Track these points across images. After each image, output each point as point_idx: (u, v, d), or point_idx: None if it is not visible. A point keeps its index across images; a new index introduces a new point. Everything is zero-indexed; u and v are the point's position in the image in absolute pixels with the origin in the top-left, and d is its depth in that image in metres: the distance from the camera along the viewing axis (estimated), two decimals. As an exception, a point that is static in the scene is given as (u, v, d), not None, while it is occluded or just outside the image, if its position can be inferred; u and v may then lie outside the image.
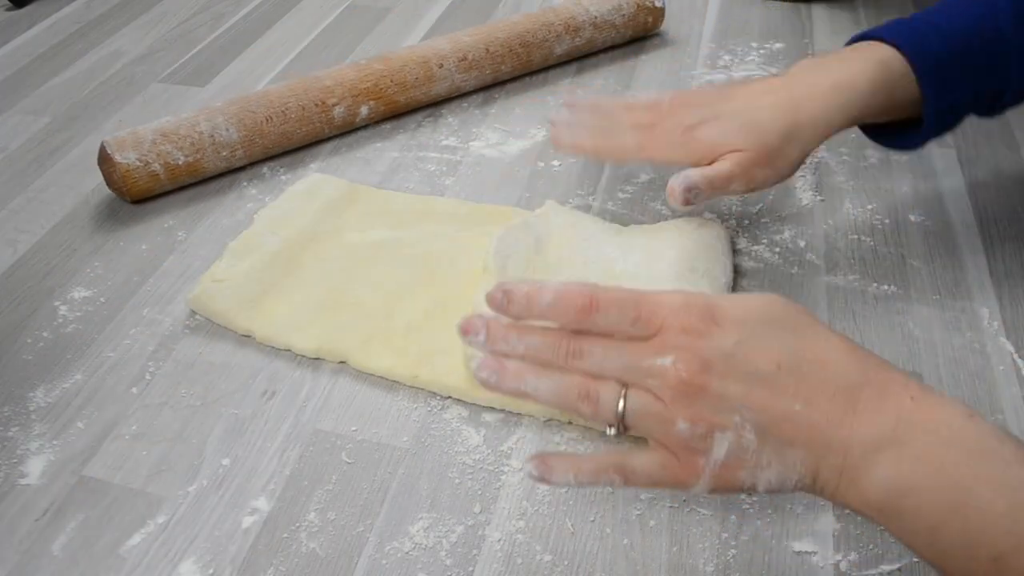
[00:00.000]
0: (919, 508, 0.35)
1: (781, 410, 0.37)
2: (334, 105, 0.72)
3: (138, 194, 0.67)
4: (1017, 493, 0.34)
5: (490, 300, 0.40)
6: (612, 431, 0.39)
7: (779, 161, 0.54)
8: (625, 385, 0.38)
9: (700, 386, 0.37)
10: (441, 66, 0.76)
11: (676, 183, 0.54)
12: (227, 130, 0.68)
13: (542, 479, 0.39)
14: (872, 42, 0.55)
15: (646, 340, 0.38)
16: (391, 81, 0.74)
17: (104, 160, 0.66)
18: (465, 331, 0.40)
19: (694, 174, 0.54)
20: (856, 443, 0.36)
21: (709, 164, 0.54)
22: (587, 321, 0.38)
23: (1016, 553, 0.33)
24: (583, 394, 0.39)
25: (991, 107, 0.57)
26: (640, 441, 0.42)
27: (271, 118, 0.70)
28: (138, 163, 0.66)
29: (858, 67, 0.54)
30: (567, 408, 0.40)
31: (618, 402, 0.38)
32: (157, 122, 0.68)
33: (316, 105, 0.72)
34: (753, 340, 0.38)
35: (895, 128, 0.58)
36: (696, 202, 0.54)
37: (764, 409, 0.37)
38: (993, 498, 0.34)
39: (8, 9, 1.00)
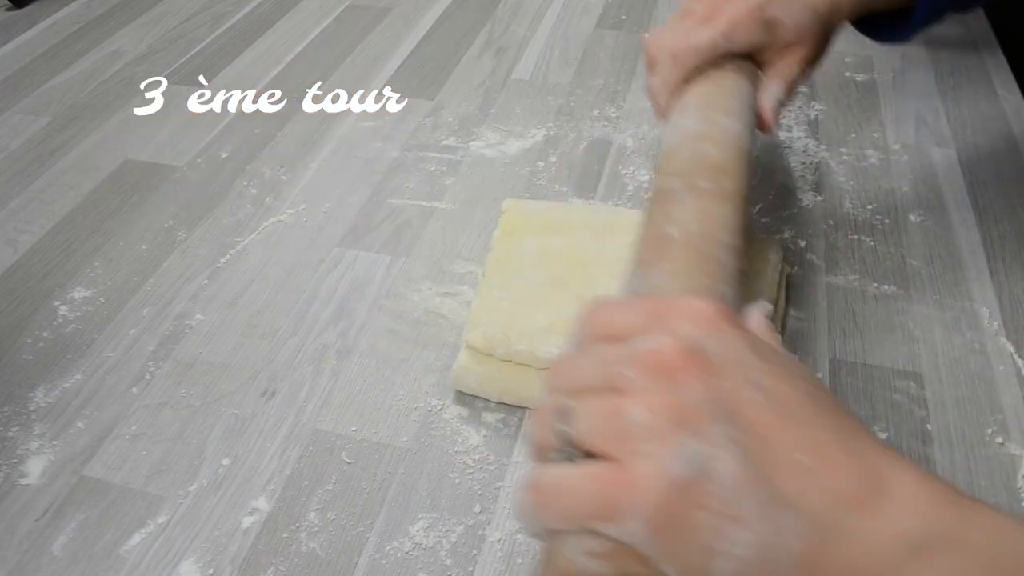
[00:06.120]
0: None
1: (787, 447, 0.26)
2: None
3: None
4: None
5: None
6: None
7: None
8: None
9: (683, 367, 0.27)
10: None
11: (768, 109, 0.52)
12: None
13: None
14: None
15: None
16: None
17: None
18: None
19: (775, 89, 0.52)
20: (877, 540, 0.26)
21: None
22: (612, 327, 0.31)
23: None
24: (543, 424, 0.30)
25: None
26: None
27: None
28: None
29: None
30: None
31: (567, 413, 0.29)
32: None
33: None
34: (773, 356, 0.30)
35: (886, 21, 0.57)
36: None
37: (764, 436, 0.26)
38: None
39: (8, 9, 1.00)
